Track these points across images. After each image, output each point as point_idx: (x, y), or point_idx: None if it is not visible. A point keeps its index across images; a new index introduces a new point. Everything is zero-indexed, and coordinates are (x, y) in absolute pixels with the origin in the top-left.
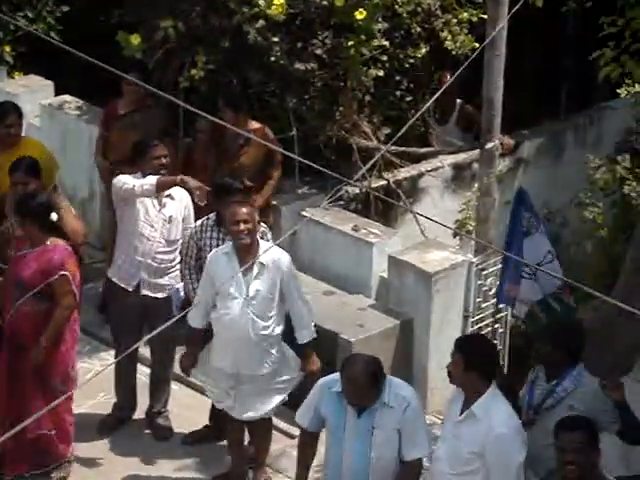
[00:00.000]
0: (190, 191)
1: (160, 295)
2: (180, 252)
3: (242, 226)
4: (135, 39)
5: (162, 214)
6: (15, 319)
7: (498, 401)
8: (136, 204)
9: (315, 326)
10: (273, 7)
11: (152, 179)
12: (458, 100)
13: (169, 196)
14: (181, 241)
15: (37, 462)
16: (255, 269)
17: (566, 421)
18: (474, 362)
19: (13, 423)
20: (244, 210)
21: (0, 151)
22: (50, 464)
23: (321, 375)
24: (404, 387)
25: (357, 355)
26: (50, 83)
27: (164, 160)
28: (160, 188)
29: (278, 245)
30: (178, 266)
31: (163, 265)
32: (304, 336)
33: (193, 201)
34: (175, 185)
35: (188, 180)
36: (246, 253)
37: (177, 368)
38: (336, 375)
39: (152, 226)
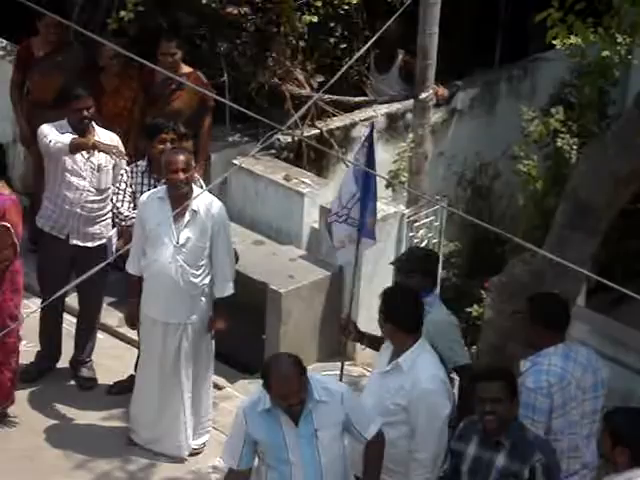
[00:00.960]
0: (105, 152)
1: (90, 244)
2: (113, 193)
3: (181, 175)
4: None
5: (90, 162)
6: None
7: (425, 354)
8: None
9: (245, 276)
10: None
11: (66, 139)
12: (400, 50)
13: None
14: (112, 189)
15: None
16: (187, 216)
17: (485, 371)
18: (392, 314)
19: None
20: (182, 158)
21: None
22: None
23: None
24: (329, 381)
25: (276, 355)
26: None
27: (86, 112)
28: (73, 150)
29: (208, 192)
30: (109, 214)
31: (93, 214)
32: (222, 290)
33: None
34: (87, 149)
35: (99, 144)
36: (180, 200)
37: (104, 317)
38: (253, 396)
39: (80, 175)
